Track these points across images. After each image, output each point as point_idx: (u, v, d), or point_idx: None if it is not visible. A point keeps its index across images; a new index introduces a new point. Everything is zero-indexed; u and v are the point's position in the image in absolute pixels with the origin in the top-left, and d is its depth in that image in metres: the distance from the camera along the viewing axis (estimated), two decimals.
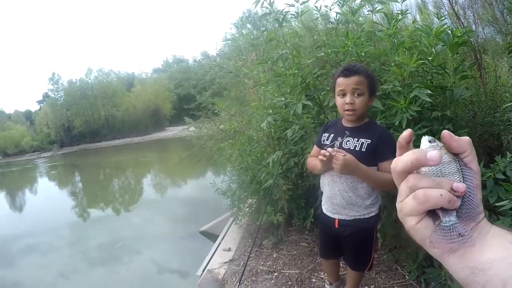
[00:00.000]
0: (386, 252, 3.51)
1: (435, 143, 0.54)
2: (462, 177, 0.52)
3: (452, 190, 0.50)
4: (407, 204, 0.53)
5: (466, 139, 0.53)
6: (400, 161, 0.53)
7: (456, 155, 0.53)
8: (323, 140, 2.36)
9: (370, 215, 2.27)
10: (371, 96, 2.18)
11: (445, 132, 0.53)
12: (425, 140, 0.55)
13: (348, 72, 2.11)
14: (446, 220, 0.51)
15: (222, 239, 4.90)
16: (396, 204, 0.56)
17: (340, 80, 2.14)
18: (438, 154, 0.50)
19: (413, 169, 0.53)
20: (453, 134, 0.53)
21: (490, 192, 2.25)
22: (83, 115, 40.91)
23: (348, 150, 2.15)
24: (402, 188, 0.54)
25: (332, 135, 2.31)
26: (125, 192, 14.06)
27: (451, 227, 0.51)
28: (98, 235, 8.27)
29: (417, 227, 0.54)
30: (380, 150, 2.11)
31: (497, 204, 2.10)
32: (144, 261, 6.41)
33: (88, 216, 10.57)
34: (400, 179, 0.55)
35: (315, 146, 2.51)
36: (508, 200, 2.01)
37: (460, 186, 0.50)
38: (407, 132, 0.55)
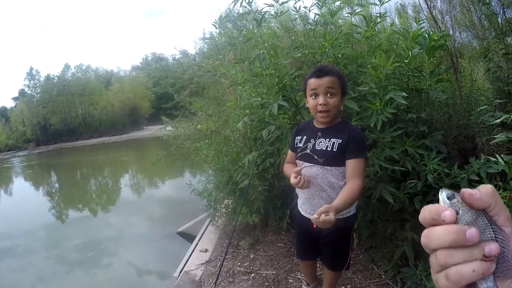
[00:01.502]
0: (362, 252, 3.54)
1: (455, 199, 0.49)
2: (493, 231, 0.48)
3: (484, 257, 0.46)
4: (441, 282, 0.49)
5: (488, 190, 0.48)
6: (431, 236, 0.49)
7: (481, 210, 0.49)
8: (296, 143, 2.35)
9: (349, 214, 2.28)
10: (343, 96, 2.20)
11: (464, 192, 0.48)
12: (443, 196, 0.50)
13: (320, 72, 2.11)
14: (484, 287, 0.47)
15: (199, 240, 4.88)
16: (431, 273, 0.52)
17: (312, 81, 2.14)
18: (451, 215, 0.47)
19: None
20: (472, 192, 0.48)
21: None
22: (60, 113, 40.04)
23: (320, 151, 2.17)
24: (433, 262, 0.50)
25: (305, 137, 2.31)
26: (102, 193, 13.81)
27: None
28: (75, 237, 8.06)
29: None
30: (349, 148, 2.11)
31: None
32: (122, 263, 6.32)
33: (65, 218, 10.30)
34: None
35: (289, 151, 2.50)
36: None
37: (492, 249, 0.46)
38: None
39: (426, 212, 0.50)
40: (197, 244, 4.74)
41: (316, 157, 2.19)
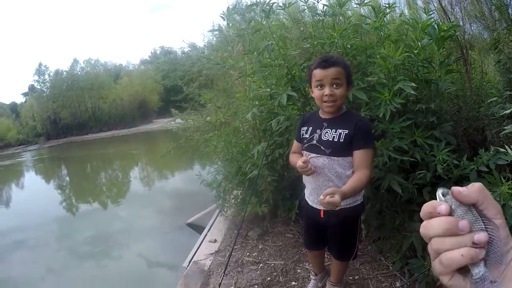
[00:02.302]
0: (370, 243, 3.54)
1: (449, 196, 0.56)
2: (483, 223, 0.53)
3: (474, 244, 0.52)
4: (436, 267, 0.57)
5: (475, 188, 0.55)
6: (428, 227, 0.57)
7: (472, 204, 0.55)
8: (302, 134, 2.36)
9: (356, 203, 2.29)
10: (348, 86, 2.20)
11: (453, 190, 0.55)
12: (438, 193, 0.58)
13: (326, 63, 2.10)
14: (476, 272, 0.53)
15: (208, 231, 4.91)
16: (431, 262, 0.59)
17: (318, 71, 2.13)
18: (445, 208, 0.54)
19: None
20: (461, 189, 0.55)
21: None
22: (70, 107, 40.30)
23: (327, 142, 2.17)
24: (430, 250, 0.57)
25: (311, 128, 2.31)
26: (112, 186, 13.94)
27: (482, 277, 0.52)
28: (86, 229, 8.16)
29: (451, 283, 0.57)
30: (355, 139, 2.12)
31: None
32: (133, 255, 6.39)
33: (75, 211, 10.41)
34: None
35: (295, 141, 2.51)
36: (491, 192, 2.04)
37: (481, 237, 0.52)
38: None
39: (425, 207, 0.57)
40: (206, 235, 4.77)
41: (322, 148, 2.19)
